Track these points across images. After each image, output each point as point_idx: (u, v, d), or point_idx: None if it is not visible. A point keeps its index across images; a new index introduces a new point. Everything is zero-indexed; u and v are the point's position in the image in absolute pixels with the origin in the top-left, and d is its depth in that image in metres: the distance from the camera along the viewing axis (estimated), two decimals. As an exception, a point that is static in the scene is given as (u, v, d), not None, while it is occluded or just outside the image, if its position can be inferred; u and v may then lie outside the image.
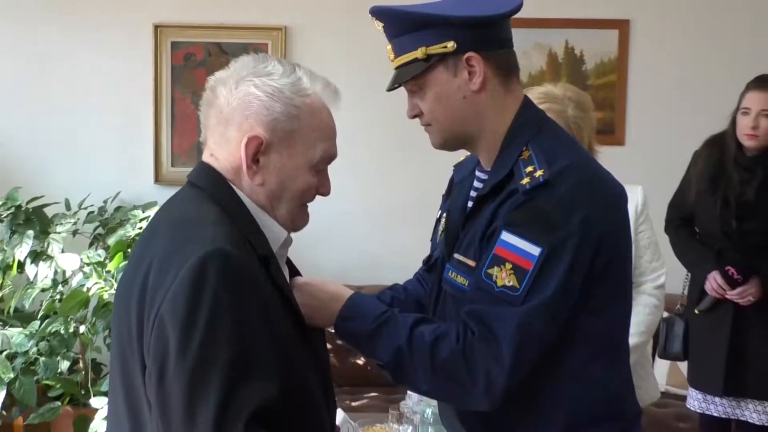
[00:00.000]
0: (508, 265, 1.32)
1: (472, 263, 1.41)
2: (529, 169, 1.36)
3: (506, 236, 1.33)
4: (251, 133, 1.24)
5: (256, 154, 1.25)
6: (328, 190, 1.35)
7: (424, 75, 1.41)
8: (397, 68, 1.45)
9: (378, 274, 3.79)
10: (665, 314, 2.93)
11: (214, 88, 1.28)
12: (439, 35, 1.39)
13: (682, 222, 2.94)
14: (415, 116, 1.48)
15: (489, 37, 1.41)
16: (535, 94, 2.18)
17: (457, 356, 1.32)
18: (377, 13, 1.44)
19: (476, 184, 1.51)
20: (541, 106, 2.10)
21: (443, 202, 1.66)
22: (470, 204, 1.48)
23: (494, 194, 1.40)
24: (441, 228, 1.60)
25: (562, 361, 1.37)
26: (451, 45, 1.39)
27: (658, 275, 2.38)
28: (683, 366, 3.16)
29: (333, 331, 1.44)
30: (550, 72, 3.75)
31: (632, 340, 2.12)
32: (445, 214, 1.59)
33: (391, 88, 1.49)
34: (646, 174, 3.54)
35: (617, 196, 1.43)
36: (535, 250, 1.30)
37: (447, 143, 1.48)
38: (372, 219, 3.87)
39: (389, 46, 1.46)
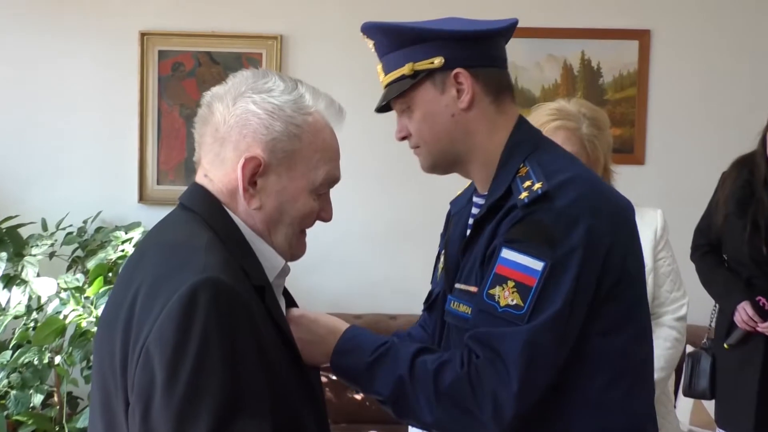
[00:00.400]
0: (511, 284, 1.35)
1: (474, 289, 1.43)
2: (527, 183, 1.40)
3: (507, 253, 1.36)
4: (249, 154, 1.25)
5: (254, 176, 1.26)
6: (330, 216, 1.36)
7: (411, 92, 1.47)
8: (385, 87, 1.51)
9: (379, 302, 3.79)
10: (690, 349, 2.93)
11: (210, 104, 1.30)
12: (427, 51, 1.45)
13: (710, 248, 2.95)
14: (403, 138, 1.53)
15: (479, 54, 1.47)
16: (546, 110, 2.21)
17: (462, 381, 1.34)
18: (367, 30, 1.50)
19: (474, 210, 1.55)
20: (553, 124, 2.15)
21: (441, 240, 1.69)
22: (469, 231, 1.51)
23: (492, 214, 1.44)
24: (440, 265, 1.64)
25: (576, 387, 1.38)
26: (438, 61, 1.45)
27: (679, 306, 2.39)
28: (709, 405, 3.15)
29: (330, 366, 1.45)
30: (565, 85, 3.78)
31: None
32: (443, 250, 1.63)
33: (379, 108, 1.55)
34: (667, 196, 3.57)
35: (624, 208, 1.47)
36: (537, 265, 1.33)
37: (437, 165, 1.53)
38: (372, 242, 3.87)
39: (379, 66, 1.52)
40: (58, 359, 3.22)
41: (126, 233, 3.45)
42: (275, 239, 1.31)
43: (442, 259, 1.63)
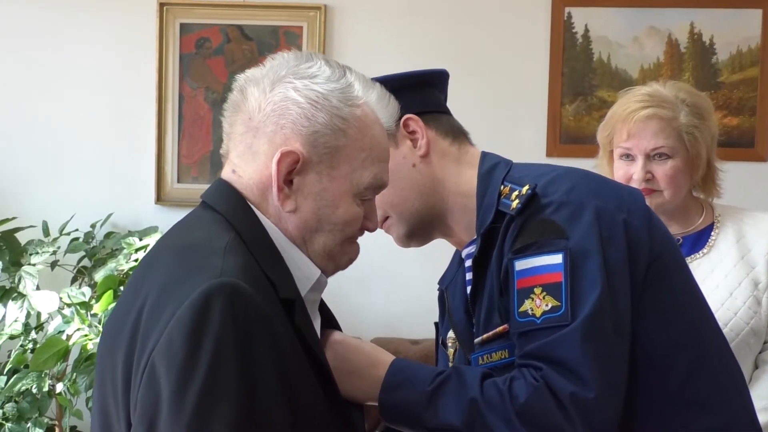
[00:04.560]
0: (538, 290, 1.47)
1: (501, 329, 1.54)
2: (514, 195, 1.56)
3: (520, 264, 1.50)
4: (286, 147, 1.31)
5: (290, 174, 1.33)
6: (375, 224, 1.44)
7: None
8: None
9: (439, 325, 3.83)
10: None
11: (244, 88, 1.37)
12: None
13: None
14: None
15: (420, 101, 1.67)
16: (636, 96, 2.25)
17: (540, 392, 1.42)
18: None
19: (468, 264, 1.65)
20: (643, 112, 2.20)
21: (440, 324, 1.81)
22: (470, 277, 1.62)
23: (491, 243, 1.56)
24: (450, 350, 1.74)
25: (648, 389, 1.50)
26: None
27: (796, 340, 2.39)
28: None
29: (378, 405, 1.50)
30: (670, 64, 3.78)
31: (761, 417, 2.14)
32: (450, 330, 1.73)
33: None
34: (796, 200, 3.54)
35: (629, 191, 1.63)
36: (557, 259, 1.47)
37: (413, 230, 1.69)
38: (429, 254, 3.89)
39: None
40: (60, 387, 3.31)
41: (140, 239, 3.51)
42: (311, 247, 1.37)
43: (449, 343, 1.74)
